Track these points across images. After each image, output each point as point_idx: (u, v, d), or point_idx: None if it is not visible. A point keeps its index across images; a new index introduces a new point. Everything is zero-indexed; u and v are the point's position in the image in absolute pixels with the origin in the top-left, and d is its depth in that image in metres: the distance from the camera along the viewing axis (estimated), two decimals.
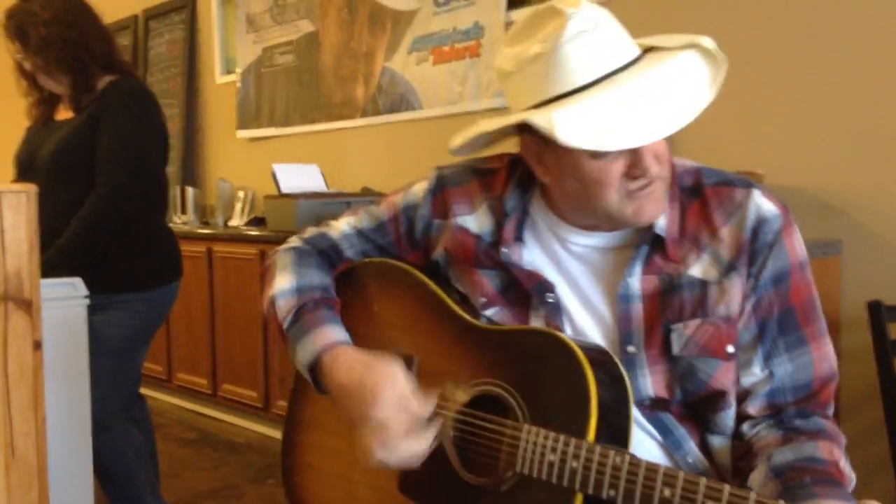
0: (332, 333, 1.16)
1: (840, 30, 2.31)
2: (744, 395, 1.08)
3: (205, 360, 4.03)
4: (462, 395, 1.11)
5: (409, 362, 1.15)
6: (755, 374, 1.08)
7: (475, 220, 1.19)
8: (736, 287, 1.05)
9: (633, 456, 0.96)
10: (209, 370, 4.00)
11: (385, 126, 3.71)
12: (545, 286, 1.13)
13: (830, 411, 1.10)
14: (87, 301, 2.08)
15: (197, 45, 4.81)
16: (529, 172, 1.16)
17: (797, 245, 1.09)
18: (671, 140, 1.09)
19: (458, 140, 1.17)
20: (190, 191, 4.45)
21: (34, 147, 2.32)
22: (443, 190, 1.23)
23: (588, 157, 1.03)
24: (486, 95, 3.22)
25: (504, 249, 1.15)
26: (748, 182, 1.11)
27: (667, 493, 0.91)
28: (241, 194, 4.24)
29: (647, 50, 1.08)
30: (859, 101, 2.27)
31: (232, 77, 4.55)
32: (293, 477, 1.28)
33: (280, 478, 1.33)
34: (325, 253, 1.28)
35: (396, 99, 3.62)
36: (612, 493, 0.95)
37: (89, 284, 2.07)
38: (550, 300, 1.12)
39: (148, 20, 5.12)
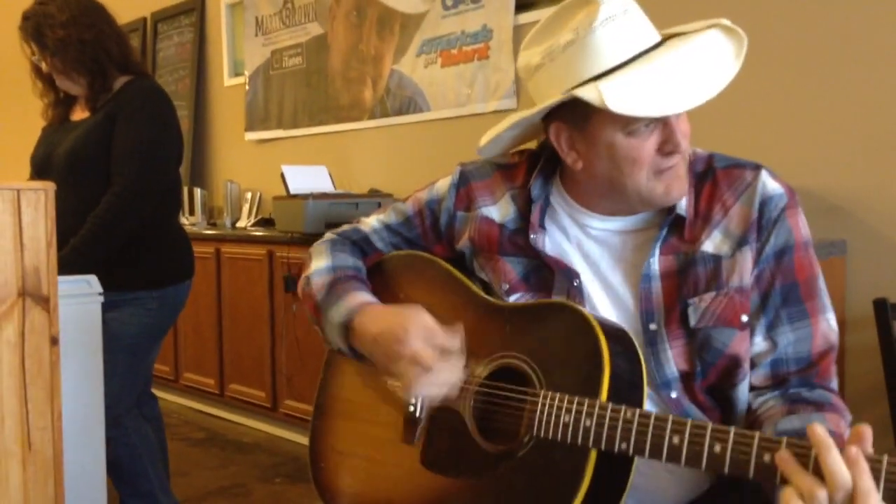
0: (363, 297, 1.25)
1: (845, 31, 2.33)
2: (749, 366, 1.13)
3: (212, 361, 4.05)
4: (482, 370, 1.16)
5: None
6: (757, 343, 1.13)
7: (498, 210, 1.26)
8: (747, 259, 1.11)
9: (643, 410, 1.00)
10: (216, 370, 4.03)
11: (393, 128, 3.74)
12: (570, 273, 1.18)
13: (835, 385, 1.14)
14: (102, 298, 2.10)
15: (205, 48, 4.85)
16: (550, 162, 1.23)
17: (801, 224, 1.14)
18: None
19: (486, 137, 1.23)
20: (198, 192, 4.48)
21: (50, 147, 2.35)
22: (466, 184, 1.30)
23: (623, 136, 1.08)
24: (493, 98, 3.25)
25: (532, 236, 1.21)
26: (757, 164, 1.16)
27: (675, 440, 0.95)
28: (248, 195, 4.27)
29: (669, 37, 1.14)
30: (864, 102, 2.30)
31: (240, 79, 4.58)
32: (320, 462, 1.31)
33: (287, 476, 1.36)
34: (358, 244, 1.37)
35: (404, 101, 3.65)
36: (623, 445, 0.99)
37: (104, 282, 2.10)
38: (576, 284, 1.17)
39: (156, 22, 5.16)
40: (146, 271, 2.34)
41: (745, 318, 1.11)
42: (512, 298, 1.22)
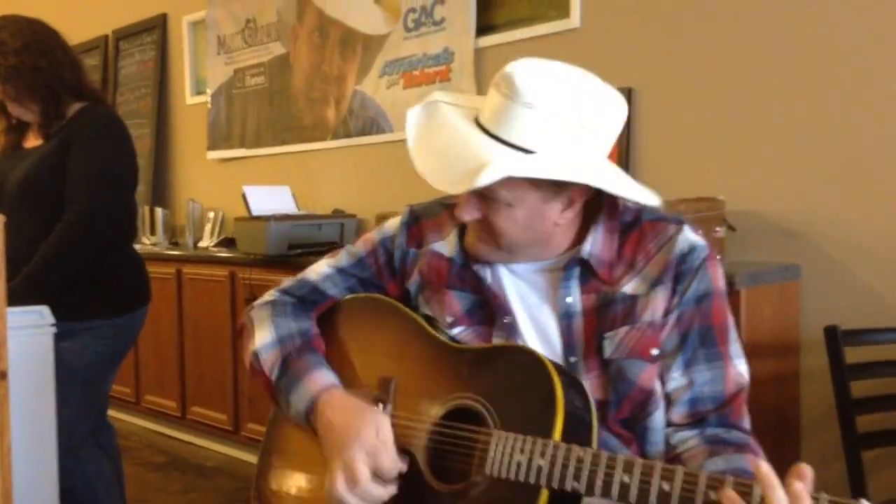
0: (323, 377, 1.25)
1: (799, 58, 2.38)
2: (668, 403, 1.19)
3: (173, 383, 4.00)
4: (438, 410, 1.17)
5: (387, 384, 1.23)
6: (675, 378, 1.19)
7: (446, 245, 1.31)
8: (659, 298, 1.18)
9: (595, 449, 1.03)
10: (178, 392, 3.98)
11: (356, 148, 3.73)
12: (504, 309, 1.23)
13: (747, 424, 1.20)
14: (54, 329, 2.07)
15: (167, 66, 4.81)
16: None
17: (719, 276, 1.23)
18: (633, 173, 1.19)
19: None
20: (159, 211, 4.43)
21: (2, 174, 2.31)
22: (417, 222, 1.35)
23: None
24: None
25: (475, 267, 1.26)
26: (680, 220, 1.25)
27: (625, 478, 0.97)
28: (210, 215, 4.23)
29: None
30: (819, 129, 2.34)
31: (202, 98, 4.55)
32: (264, 502, 1.30)
33: (248, 502, 1.35)
34: (304, 299, 1.37)
35: (367, 121, 3.65)
36: (575, 484, 1.01)
37: (58, 311, 2.06)
38: (507, 321, 1.23)
39: (118, 40, 5.10)
40: (101, 299, 2.31)
41: (654, 352, 1.18)
42: (455, 331, 1.26)
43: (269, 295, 1.39)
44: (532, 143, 1.11)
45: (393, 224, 1.37)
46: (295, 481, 1.29)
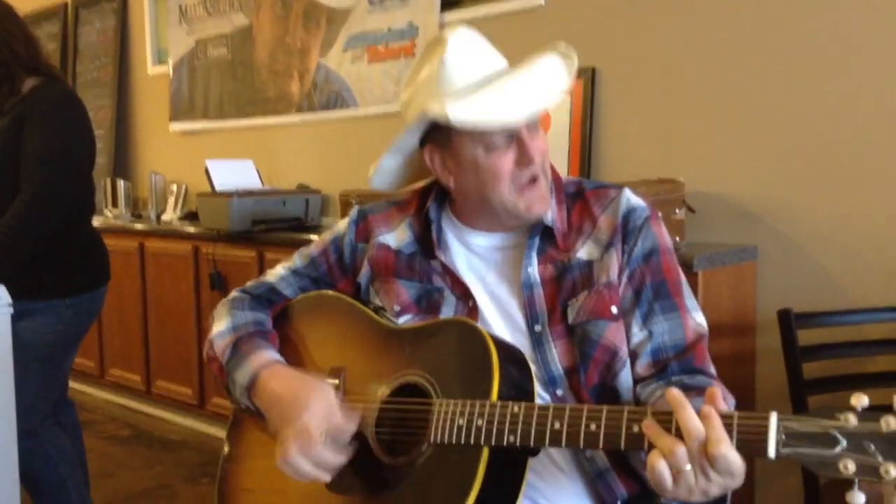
0: (268, 355, 1.28)
1: (762, 43, 2.39)
2: (633, 358, 1.23)
3: (138, 357, 3.98)
4: (384, 389, 1.20)
5: (338, 373, 1.26)
6: (636, 334, 1.23)
7: (394, 237, 1.36)
8: (613, 259, 1.24)
9: (530, 403, 1.07)
10: (142, 366, 3.96)
11: (320, 123, 3.69)
12: (466, 295, 1.27)
13: (712, 370, 1.24)
14: (11, 309, 2.04)
15: (128, 35, 4.71)
16: (439, 190, 1.34)
17: (664, 233, 1.28)
18: (595, 154, 1.23)
19: (372, 168, 1.32)
20: (121, 183, 4.36)
21: None
22: (364, 218, 1.41)
23: (483, 152, 1.22)
24: None
25: (439, 254, 1.30)
26: (620, 185, 1.32)
27: (556, 425, 1.02)
28: (174, 188, 4.18)
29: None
30: (780, 113, 2.36)
31: (164, 68, 4.47)
32: (227, 503, 1.32)
33: (214, 477, 1.38)
34: (261, 297, 1.41)
35: (332, 96, 3.61)
36: (511, 438, 1.04)
37: (15, 290, 2.04)
38: (471, 305, 1.27)
39: (78, 7, 4.98)
40: (59, 279, 2.29)
41: (614, 310, 1.22)
42: (401, 320, 1.29)
43: (231, 294, 1.43)
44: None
45: (342, 224, 1.43)
46: (262, 471, 1.30)
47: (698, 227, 2.44)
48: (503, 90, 1.19)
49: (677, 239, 2.28)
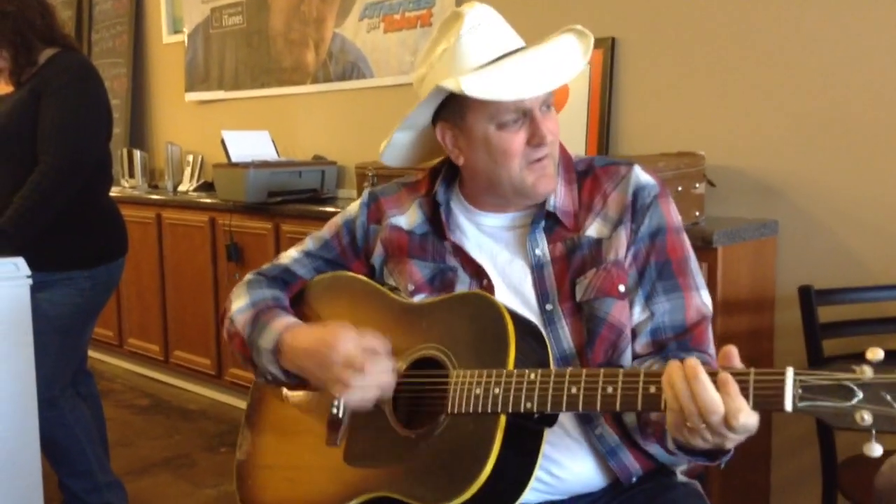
0: (287, 320, 1.30)
1: (781, 15, 2.34)
2: (632, 337, 1.23)
3: (156, 327, 4.01)
4: (401, 364, 1.21)
5: None
6: (637, 313, 1.24)
7: (406, 218, 1.37)
8: (622, 237, 1.24)
9: (546, 369, 1.07)
10: (161, 337, 3.99)
11: (336, 93, 3.67)
12: (480, 274, 1.28)
13: (712, 351, 1.24)
14: (30, 281, 2.06)
15: (143, 3, 4.68)
16: (451, 169, 1.35)
17: (672, 212, 1.28)
18: (614, 126, 1.23)
19: (384, 143, 1.33)
20: (138, 154, 4.37)
21: None
22: (376, 200, 1.42)
23: (494, 129, 1.22)
24: None
25: (452, 236, 1.31)
26: (630, 162, 1.31)
27: (573, 389, 1.03)
28: (190, 158, 4.18)
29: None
30: (801, 85, 2.32)
31: (179, 37, 4.45)
32: (247, 480, 1.33)
33: (232, 446, 1.40)
34: (277, 278, 1.43)
35: (347, 66, 3.58)
36: (528, 405, 1.05)
37: (34, 262, 2.06)
38: (485, 284, 1.27)
39: None
40: (77, 250, 2.30)
41: (622, 288, 1.23)
42: (416, 299, 1.29)
43: (248, 276, 1.44)
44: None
45: (354, 206, 1.44)
46: (280, 448, 1.32)
47: (719, 201, 2.41)
48: (517, 66, 1.20)
49: (697, 213, 2.25)
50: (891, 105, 2.16)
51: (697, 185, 2.26)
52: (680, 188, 2.19)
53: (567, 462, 1.21)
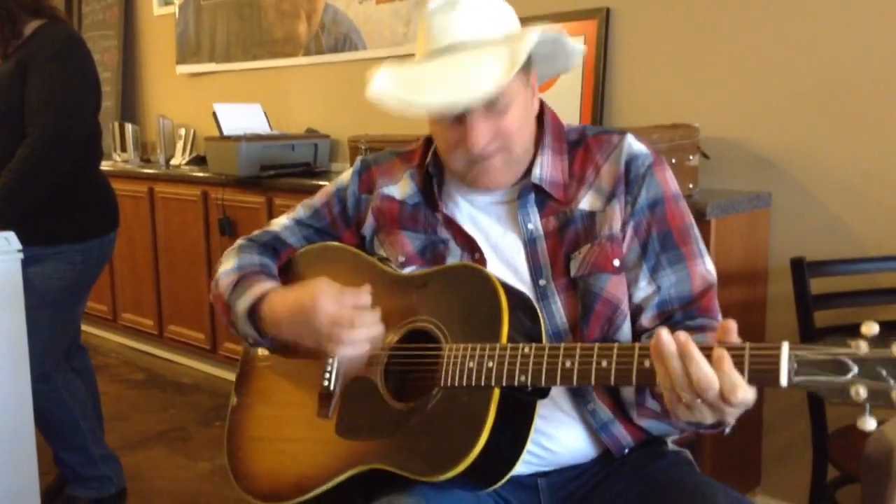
0: (267, 285, 1.29)
1: None
2: (638, 312, 1.22)
3: (150, 301, 4.00)
4: (393, 337, 1.20)
5: None
6: (643, 288, 1.21)
7: (398, 189, 1.34)
8: (616, 211, 1.21)
9: (540, 343, 1.07)
10: (154, 311, 3.98)
11: (329, 66, 3.63)
12: (473, 247, 1.26)
13: (719, 317, 1.22)
14: (21, 255, 2.05)
15: None
16: None
17: (669, 179, 1.25)
18: (608, 97, 1.19)
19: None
20: (129, 127, 4.33)
21: None
22: (368, 169, 1.39)
23: (434, 119, 1.21)
24: None
25: (444, 208, 1.28)
26: (623, 131, 1.28)
27: (568, 364, 1.02)
28: (182, 132, 4.15)
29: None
30: (795, 57, 2.30)
31: (170, 9, 4.40)
32: (237, 452, 1.32)
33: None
34: (267, 245, 1.41)
35: (340, 38, 3.54)
36: (522, 378, 1.05)
37: (25, 236, 2.04)
38: (476, 258, 1.25)
39: None
40: (69, 225, 2.29)
41: (616, 263, 1.20)
42: (407, 270, 1.28)
43: (238, 241, 1.43)
44: (491, 34, 1.16)
45: (346, 175, 1.41)
46: (271, 419, 1.31)
47: (713, 173, 2.40)
48: (433, 71, 1.14)
49: (691, 186, 2.24)
50: (886, 78, 2.15)
51: (691, 157, 2.25)
52: (674, 160, 2.18)
53: (559, 435, 1.21)
